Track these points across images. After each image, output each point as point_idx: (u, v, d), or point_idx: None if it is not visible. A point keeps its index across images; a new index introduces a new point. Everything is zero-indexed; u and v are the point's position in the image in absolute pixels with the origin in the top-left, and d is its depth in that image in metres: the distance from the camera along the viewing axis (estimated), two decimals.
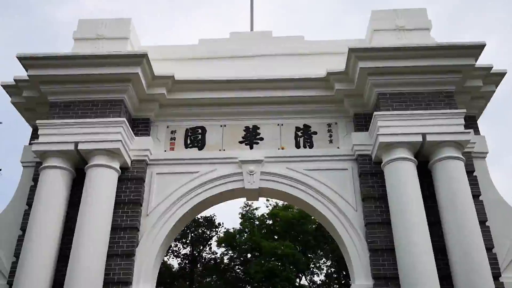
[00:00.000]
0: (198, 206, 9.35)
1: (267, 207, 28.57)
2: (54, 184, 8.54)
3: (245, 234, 27.93)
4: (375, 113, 8.94)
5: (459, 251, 7.83)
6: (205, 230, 27.64)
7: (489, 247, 8.20)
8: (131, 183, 9.12)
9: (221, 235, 28.13)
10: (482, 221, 8.38)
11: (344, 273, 25.53)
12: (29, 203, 8.81)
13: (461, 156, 8.54)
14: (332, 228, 9.15)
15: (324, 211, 9.05)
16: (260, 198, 10.13)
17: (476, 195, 8.62)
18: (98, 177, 8.64)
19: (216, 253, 28.33)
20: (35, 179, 9.00)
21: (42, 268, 7.95)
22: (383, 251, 8.40)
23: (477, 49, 8.96)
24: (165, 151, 9.70)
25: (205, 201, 9.36)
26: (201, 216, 27.14)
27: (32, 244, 8.05)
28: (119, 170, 8.98)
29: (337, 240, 9.42)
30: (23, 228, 8.62)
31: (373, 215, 8.70)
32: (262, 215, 28.70)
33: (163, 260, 24.45)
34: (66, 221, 8.62)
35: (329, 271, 27.56)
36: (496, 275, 8.00)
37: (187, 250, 26.83)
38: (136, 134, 9.55)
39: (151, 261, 8.72)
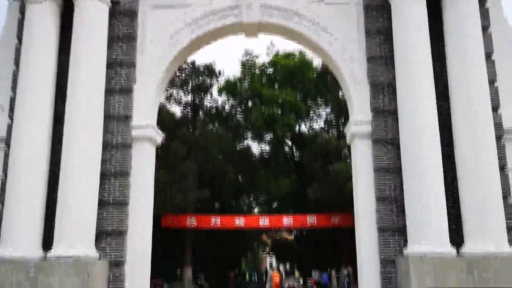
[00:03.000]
0: (195, 42, 9.00)
1: (267, 55, 28.03)
2: (41, 15, 8.11)
3: (246, 83, 27.83)
4: None
5: (460, 85, 7.70)
6: (206, 78, 27.47)
7: (492, 79, 8.06)
8: (123, 17, 8.67)
9: (222, 83, 28.06)
10: (488, 55, 8.11)
11: (343, 119, 26.04)
12: (19, 38, 8.47)
13: None
14: (334, 64, 8.90)
15: (326, 47, 8.71)
16: (260, 38, 9.71)
17: (485, 27, 8.22)
18: (88, 9, 8.16)
19: (217, 101, 28.58)
20: (22, 12, 8.53)
21: (41, 103, 7.93)
22: (384, 87, 8.29)
23: None
24: None
25: (202, 37, 8.98)
26: (201, 64, 26.77)
27: (28, 77, 7.92)
28: (110, 2, 8.46)
29: (338, 77, 9.25)
30: (17, 63, 8.41)
31: (376, 50, 8.41)
32: (263, 63, 28.26)
33: (166, 107, 24.79)
34: (59, 63, 8.35)
35: (328, 118, 28.07)
36: (495, 107, 7.99)
37: (188, 98, 26.99)
38: None
39: (151, 97, 8.69)
